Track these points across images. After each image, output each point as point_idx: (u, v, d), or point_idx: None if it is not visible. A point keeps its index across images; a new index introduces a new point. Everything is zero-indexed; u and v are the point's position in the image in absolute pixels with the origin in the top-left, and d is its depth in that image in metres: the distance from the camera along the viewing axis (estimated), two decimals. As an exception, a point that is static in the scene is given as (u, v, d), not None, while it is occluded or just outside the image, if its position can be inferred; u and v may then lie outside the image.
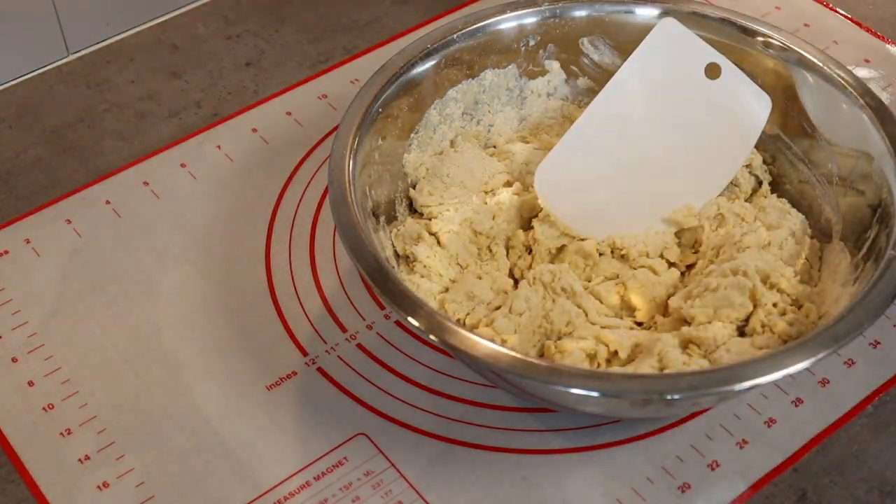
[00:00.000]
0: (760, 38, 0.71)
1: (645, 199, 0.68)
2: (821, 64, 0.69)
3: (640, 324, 0.65)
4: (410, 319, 0.56)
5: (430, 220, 0.69)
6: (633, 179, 0.68)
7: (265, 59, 0.87)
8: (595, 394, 0.54)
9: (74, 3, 0.84)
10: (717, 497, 0.61)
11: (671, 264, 0.68)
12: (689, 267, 0.68)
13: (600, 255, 0.68)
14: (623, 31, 0.73)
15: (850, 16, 0.89)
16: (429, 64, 0.71)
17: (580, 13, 0.74)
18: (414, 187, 0.71)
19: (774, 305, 0.63)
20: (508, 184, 0.71)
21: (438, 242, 0.68)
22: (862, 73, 0.83)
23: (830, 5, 0.90)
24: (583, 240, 0.68)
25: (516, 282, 0.67)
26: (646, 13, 0.73)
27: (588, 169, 0.67)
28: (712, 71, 0.69)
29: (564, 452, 0.62)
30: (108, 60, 0.86)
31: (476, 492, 0.61)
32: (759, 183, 0.72)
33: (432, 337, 0.56)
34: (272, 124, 0.81)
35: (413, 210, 0.71)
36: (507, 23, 0.73)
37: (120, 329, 0.68)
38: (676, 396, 0.53)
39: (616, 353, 0.61)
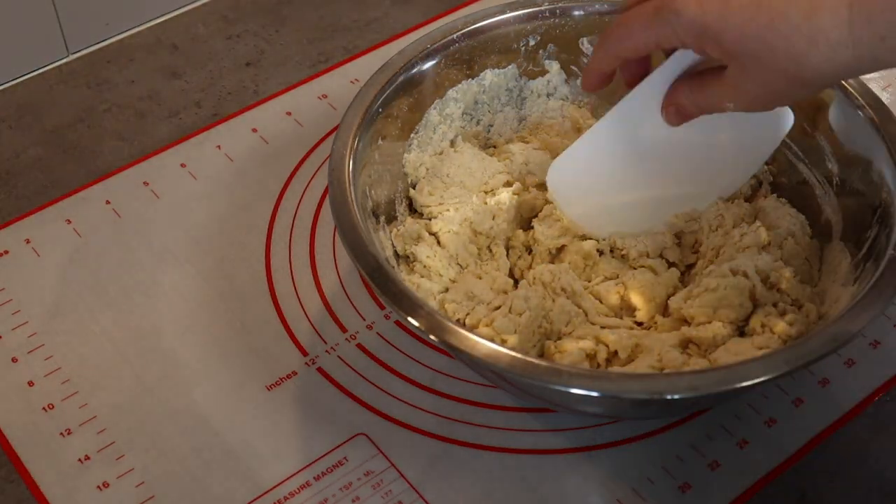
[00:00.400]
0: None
1: (652, 202, 0.68)
2: (821, 64, 0.69)
3: (640, 324, 0.65)
4: (410, 319, 0.56)
5: (430, 220, 0.69)
6: (644, 183, 0.68)
7: (265, 59, 0.87)
8: (595, 394, 0.54)
9: (74, 3, 0.84)
10: (717, 497, 0.61)
11: (671, 264, 0.68)
12: (689, 267, 0.68)
13: (600, 254, 0.68)
14: (623, 31, 0.73)
15: (850, 16, 0.89)
16: (429, 64, 0.71)
17: (580, 13, 0.74)
18: (414, 187, 0.71)
19: (774, 305, 0.63)
20: (508, 184, 0.71)
21: (438, 242, 0.68)
22: (862, 73, 0.83)
23: (830, 5, 0.90)
24: (584, 239, 0.68)
25: (516, 282, 0.67)
26: (646, 13, 0.73)
27: (600, 170, 0.67)
28: None
29: (564, 452, 0.62)
30: (108, 60, 0.86)
31: (476, 492, 0.61)
32: (759, 183, 0.72)
33: (432, 337, 0.56)
34: (272, 124, 0.81)
35: (413, 210, 0.71)
36: (507, 23, 0.73)
37: (120, 329, 0.68)
38: (676, 396, 0.53)
39: (616, 353, 0.61)
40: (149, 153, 0.79)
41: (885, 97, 0.79)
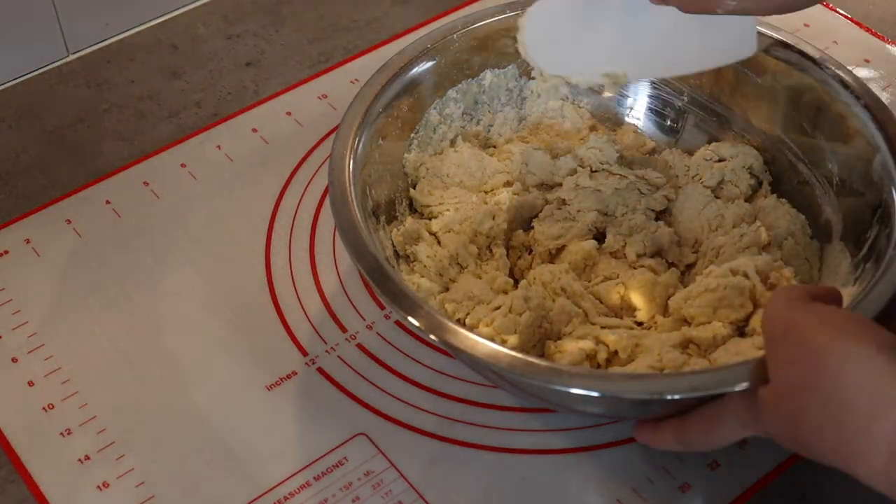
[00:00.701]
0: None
1: (643, 38, 0.64)
2: (821, 64, 0.69)
3: (640, 324, 0.65)
4: (410, 319, 0.56)
5: (430, 219, 0.69)
6: (641, 18, 0.62)
7: (265, 59, 0.87)
8: (595, 394, 0.54)
9: (74, 3, 0.84)
10: (717, 497, 0.61)
11: (671, 264, 0.68)
12: (689, 267, 0.68)
13: (600, 254, 0.68)
14: (623, 31, 0.73)
15: (850, 16, 0.89)
16: (429, 64, 0.71)
17: (580, 13, 0.73)
18: (414, 187, 0.71)
19: (774, 305, 0.63)
20: (508, 184, 0.71)
21: (438, 242, 0.68)
22: (862, 73, 0.83)
23: (830, 5, 0.90)
24: (584, 239, 0.68)
25: (516, 282, 0.67)
26: (646, 13, 0.72)
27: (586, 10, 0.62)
28: None
29: (564, 452, 0.62)
30: (108, 60, 0.86)
31: (476, 492, 0.61)
32: (759, 183, 0.72)
33: (432, 337, 0.56)
34: (272, 124, 0.81)
35: (413, 210, 0.71)
36: (508, 23, 0.73)
37: (120, 329, 0.68)
38: (676, 396, 0.53)
39: (616, 353, 0.61)
40: (149, 153, 0.79)
41: (885, 97, 0.79)
